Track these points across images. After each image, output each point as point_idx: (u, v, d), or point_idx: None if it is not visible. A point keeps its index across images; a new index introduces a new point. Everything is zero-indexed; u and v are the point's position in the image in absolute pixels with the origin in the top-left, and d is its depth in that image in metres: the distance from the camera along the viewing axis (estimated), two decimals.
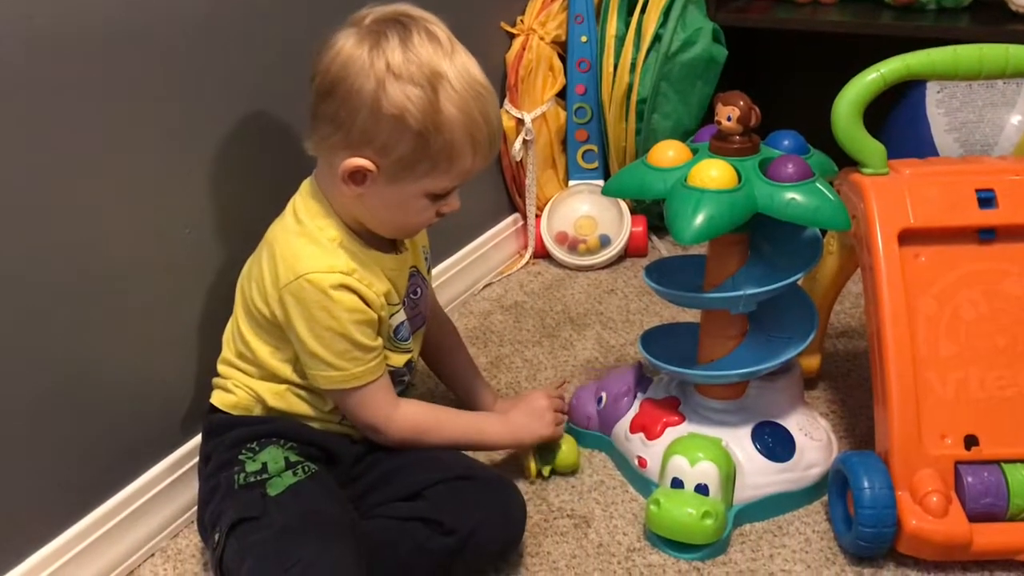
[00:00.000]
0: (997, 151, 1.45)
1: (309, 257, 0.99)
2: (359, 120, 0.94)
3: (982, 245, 1.07)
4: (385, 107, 0.93)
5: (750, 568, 1.05)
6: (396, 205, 1.00)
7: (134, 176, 1.02)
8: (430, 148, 0.95)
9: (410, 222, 1.03)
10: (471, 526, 0.99)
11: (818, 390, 1.35)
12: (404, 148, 0.95)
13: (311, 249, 0.99)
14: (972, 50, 1.09)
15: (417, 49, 0.94)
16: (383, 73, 0.93)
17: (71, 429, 1.00)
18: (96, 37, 0.95)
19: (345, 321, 0.98)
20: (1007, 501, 1.00)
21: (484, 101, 0.97)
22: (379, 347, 1.03)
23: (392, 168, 0.96)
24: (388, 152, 0.95)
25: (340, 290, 0.98)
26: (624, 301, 1.63)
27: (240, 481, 0.99)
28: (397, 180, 0.97)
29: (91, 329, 1.01)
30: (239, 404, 1.05)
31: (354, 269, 0.99)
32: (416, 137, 0.94)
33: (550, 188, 1.80)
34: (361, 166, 0.96)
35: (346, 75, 0.94)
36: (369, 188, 0.98)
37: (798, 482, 1.13)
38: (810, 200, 1.01)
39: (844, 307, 1.55)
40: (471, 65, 0.97)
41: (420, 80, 0.93)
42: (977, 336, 1.05)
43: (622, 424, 1.20)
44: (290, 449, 1.02)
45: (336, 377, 1.01)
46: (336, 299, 0.97)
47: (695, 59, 1.69)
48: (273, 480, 0.98)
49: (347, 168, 0.96)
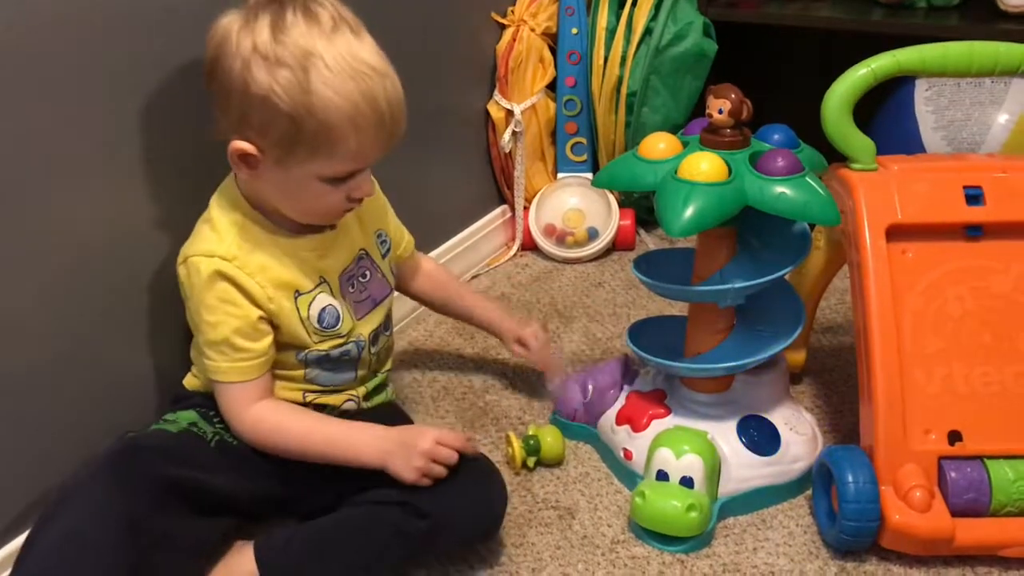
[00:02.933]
0: (984, 149, 1.46)
1: (197, 239, 0.99)
2: (234, 102, 0.92)
3: (969, 242, 1.08)
4: (253, 89, 0.91)
5: (734, 561, 1.06)
6: (292, 189, 0.97)
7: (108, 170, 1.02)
8: (304, 131, 0.91)
9: (314, 206, 1.00)
10: (448, 511, 0.99)
11: (803, 384, 1.36)
12: (279, 131, 0.92)
13: (204, 231, 0.99)
14: (962, 47, 1.09)
15: (289, 29, 0.90)
16: (249, 54, 0.90)
17: (68, 406, 1.00)
18: (86, 29, 0.95)
19: (218, 312, 0.97)
20: (990, 497, 1.01)
21: (368, 81, 0.91)
22: (256, 351, 1.00)
23: (274, 151, 0.94)
24: (266, 134, 0.93)
25: (214, 277, 0.97)
26: (611, 294, 1.63)
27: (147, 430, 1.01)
28: (283, 163, 0.94)
29: (77, 321, 1.00)
30: (199, 386, 1.07)
31: (235, 256, 0.97)
32: (288, 120, 0.91)
33: (539, 180, 1.79)
34: (243, 149, 0.94)
35: (220, 56, 0.93)
36: (261, 172, 0.96)
37: (782, 476, 1.13)
38: (800, 194, 1.01)
39: (830, 303, 1.55)
40: (357, 46, 0.92)
41: (288, 61, 0.90)
42: (963, 332, 1.05)
43: (608, 416, 1.20)
44: (217, 421, 1.03)
45: (207, 365, 1.00)
46: (209, 286, 0.97)
47: (685, 53, 1.69)
48: (162, 424, 1.01)
49: (233, 151, 0.95)
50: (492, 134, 1.74)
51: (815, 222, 1.04)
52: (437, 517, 0.98)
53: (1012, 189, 1.08)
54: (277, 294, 1.00)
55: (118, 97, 1.01)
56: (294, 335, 1.03)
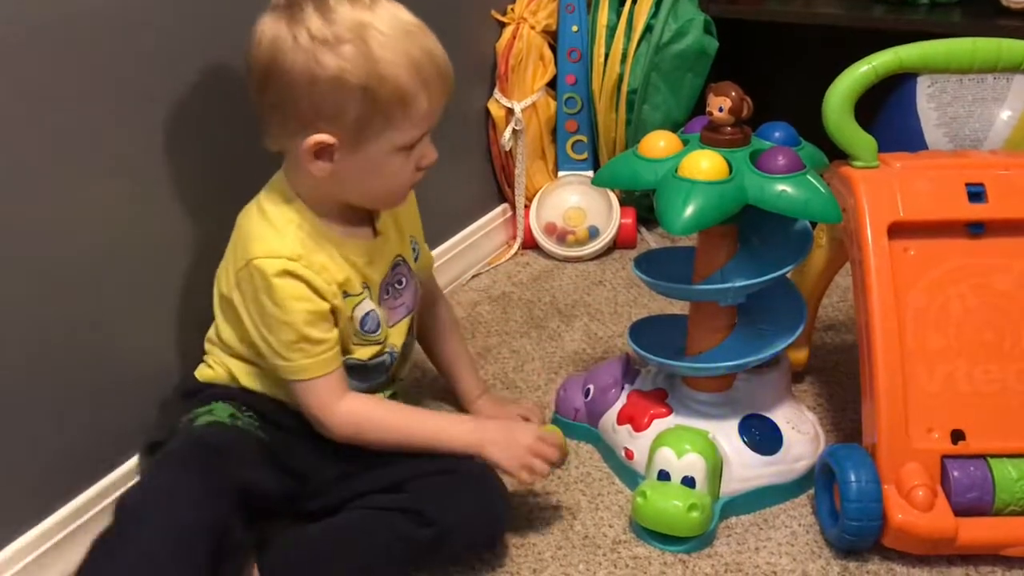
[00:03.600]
0: (986, 146, 1.45)
1: (258, 240, 0.98)
2: (301, 97, 0.93)
3: (971, 239, 1.07)
4: (321, 75, 0.91)
5: (736, 561, 1.05)
6: (371, 171, 0.98)
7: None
8: (379, 100, 0.93)
9: (392, 185, 1.01)
10: (452, 519, 0.98)
11: (805, 383, 1.35)
12: (354, 109, 0.93)
13: (263, 231, 0.98)
14: (964, 43, 1.09)
15: (335, 9, 0.92)
16: (309, 43, 0.91)
17: (59, 411, 1.00)
18: (81, 28, 0.95)
19: (292, 310, 0.97)
20: (993, 495, 1.00)
21: (419, 38, 0.95)
22: (331, 340, 1.01)
23: (351, 134, 0.94)
24: (340, 119, 0.93)
25: (284, 277, 0.96)
26: (612, 293, 1.63)
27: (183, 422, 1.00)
28: (360, 145, 0.95)
29: (73, 314, 1.00)
30: (215, 378, 1.06)
31: (300, 255, 0.98)
32: (362, 93, 0.92)
33: (539, 179, 1.79)
34: (320, 141, 0.94)
35: (275, 58, 0.93)
36: (338, 163, 0.96)
37: (785, 475, 1.13)
38: (801, 192, 1.01)
39: (832, 300, 1.55)
40: (396, 10, 0.95)
41: (347, 37, 0.91)
42: (965, 330, 1.05)
43: (609, 416, 1.20)
44: (248, 415, 1.02)
45: (283, 367, 1.00)
46: (279, 287, 0.96)
47: (686, 50, 1.69)
48: (202, 416, 0.99)
49: (308, 148, 0.95)
50: (492, 132, 1.74)
51: (816, 220, 1.03)
52: (443, 525, 0.98)
53: (1014, 186, 1.07)
54: (336, 292, 1.01)
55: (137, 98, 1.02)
56: (341, 337, 1.03)
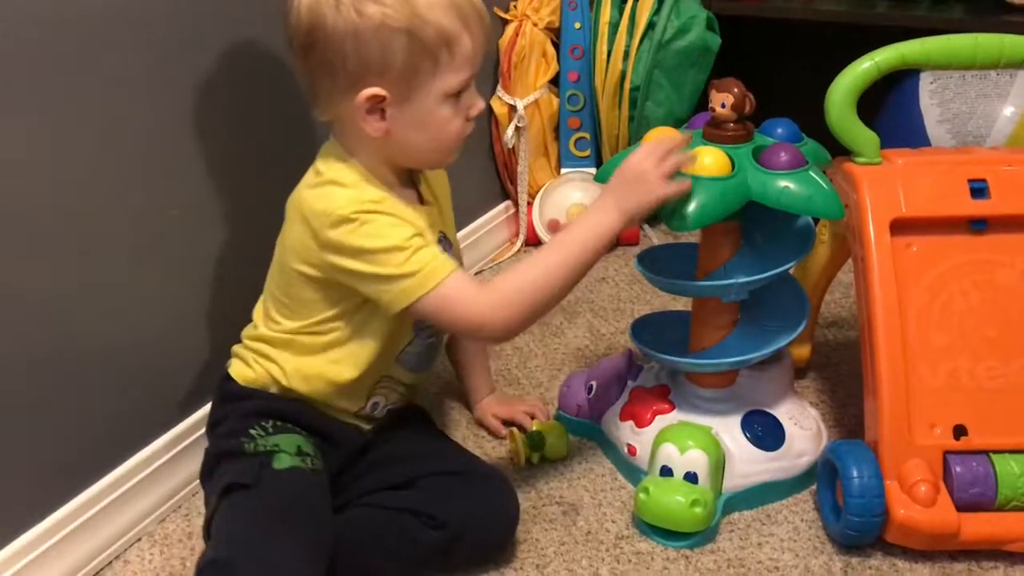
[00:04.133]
0: (989, 142, 1.45)
1: (337, 197, 0.96)
2: (348, 53, 0.93)
3: (974, 236, 1.07)
4: (365, 25, 0.92)
5: (738, 556, 1.05)
6: (423, 124, 0.98)
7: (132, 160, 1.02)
8: (425, 42, 0.93)
9: (444, 136, 1.00)
10: (462, 522, 0.99)
11: (808, 379, 1.35)
12: (401, 56, 0.93)
13: (336, 191, 0.97)
14: (967, 39, 1.09)
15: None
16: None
17: (58, 411, 1.00)
18: (87, 22, 0.95)
19: (393, 235, 0.94)
20: (995, 491, 1.01)
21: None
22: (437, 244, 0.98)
23: (400, 85, 0.95)
24: (388, 69, 0.93)
25: (373, 215, 0.94)
26: (615, 289, 1.63)
27: (248, 450, 0.98)
28: (411, 95, 0.95)
29: (71, 310, 1.00)
30: (255, 380, 1.04)
31: (383, 198, 0.97)
32: (407, 38, 0.92)
33: (542, 175, 1.79)
34: (373, 95, 0.94)
35: (316, 20, 0.93)
36: (391, 119, 0.96)
37: (787, 471, 1.13)
38: (803, 188, 1.01)
39: (835, 297, 1.55)
40: None
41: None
42: (968, 326, 1.05)
43: (612, 412, 1.20)
44: (305, 439, 1.00)
45: (411, 286, 0.94)
46: (373, 220, 0.94)
47: (689, 47, 1.69)
48: (281, 456, 0.97)
49: (360, 104, 0.95)
50: (495, 130, 1.74)
51: (818, 216, 1.03)
52: (452, 528, 0.98)
53: (1017, 182, 1.07)
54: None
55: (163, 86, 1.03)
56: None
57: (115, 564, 1.06)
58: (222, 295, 1.16)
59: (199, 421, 1.14)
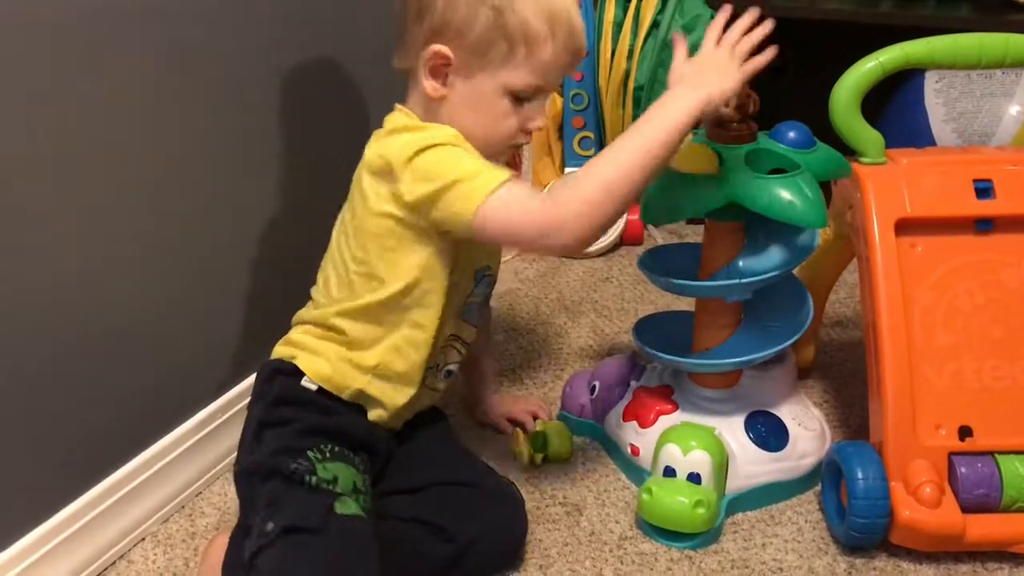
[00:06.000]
0: (995, 141, 1.45)
1: (410, 135, 0.95)
2: (439, 4, 0.94)
3: (979, 235, 1.07)
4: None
5: (742, 557, 1.05)
6: (477, 106, 0.97)
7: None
8: (506, 27, 0.94)
9: (493, 130, 0.98)
10: (472, 536, 0.98)
11: (812, 380, 1.35)
12: (480, 27, 0.94)
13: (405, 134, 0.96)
14: (971, 39, 1.08)
15: None
16: None
17: (60, 411, 1.00)
18: (106, 19, 0.95)
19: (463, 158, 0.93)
20: (1000, 492, 1.00)
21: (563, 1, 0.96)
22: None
23: (470, 55, 0.95)
24: (465, 34, 0.94)
25: (447, 146, 0.93)
26: (619, 289, 1.62)
27: (310, 483, 0.93)
28: (475, 71, 0.96)
29: (72, 310, 1.00)
30: (330, 379, 1.00)
31: (456, 135, 0.96)
32: (493, 13, 0.93)
33: (546, 175, 1.79)
34: (440, 52, 0.95)
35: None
36: (450, 86, 0.97)
37: (791, 472, 1.12)
38: (786, 194, 1.00)
39: (839, 297, 1.54)
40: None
41: None
42: (973, 327, 1.05)
43: (615, 412, 1.20)
44: (358, 472, 0.97)
45: (478, 187, 0.91)
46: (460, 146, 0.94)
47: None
48: (344, 499, 0.92)
49: (427, 58, 0.95)
50: None
51: (798, 224, 1.02)
52: (462, 542, 0.98)
53: (1023, 182, 1.07)
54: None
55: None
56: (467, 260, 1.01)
57: (119, 564, 1.06)
58: (228, 294, 1.16)
59: (202, 421, 1.15)
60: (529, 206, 0.92)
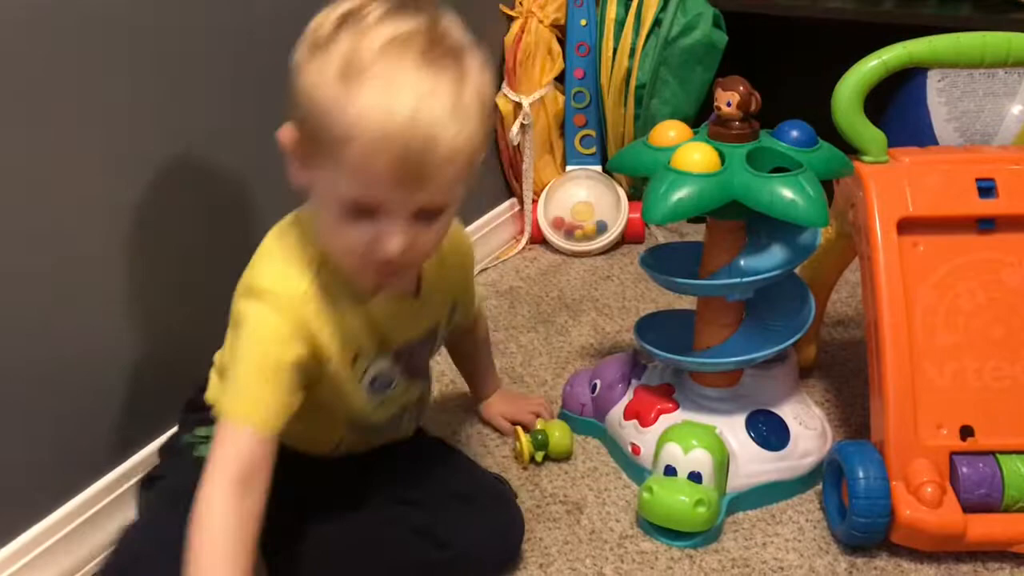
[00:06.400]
0: (997, 141, 1.44)
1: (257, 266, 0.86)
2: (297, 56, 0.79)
3: (981, 235, 1.07)
4: (298, 57, 0.79)
5: (743, 556, 1.05)
6: (318, 203, 0.82)
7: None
8: (307, 120, 0.77)
9: (333, 236, 0.82)
10: (467, 544, 0.97)
11: (813, 379, 1.35)
12: (307, 116, 0.78)
13: (278, 259, 0.85)
14: (974, 38, 1.08)
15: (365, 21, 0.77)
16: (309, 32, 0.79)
17: (56, 411, 0.99)
18: (96, 20, 0.95)
19: (270, 343, 0.82)
20: (1002, 492, 1.00)
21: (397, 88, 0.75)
22: (283, 405, 0.82)
23: (306, 143, 0.79)
24: (300, 116, 0.78)
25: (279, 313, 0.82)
26: (620, 287, 1.62)
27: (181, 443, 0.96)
28: (309, 161, 0.80)
29: (68, 313, 1.00)
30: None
31: (315, 297, 0.83)
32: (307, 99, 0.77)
33: (547, 173, 1.79)
34: (288, 131, 0.81)
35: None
36: (299, 173, 0.82)
37: (792, 471, 1.12)
38: (787, 193, 1.00)
39: (841, 296, 1.54)
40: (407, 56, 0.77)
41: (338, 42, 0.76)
42: (975, 326, 1.04)
43: (616, 411, 1.20)
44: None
45: (237, 405, 0.82)
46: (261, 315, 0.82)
47: (695, 44, 1.68)
48: (202, 446, 0.90)
49: (279, 137, 0.81)
50: (500, 127, 1.73)
51: (800, 223, 1.02)
52: (458, 549, 0.97)
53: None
54: (340, 357, 0.87)
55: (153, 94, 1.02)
56: (344, 397, 0.91)
57: None
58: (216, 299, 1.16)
59: None
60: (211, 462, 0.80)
